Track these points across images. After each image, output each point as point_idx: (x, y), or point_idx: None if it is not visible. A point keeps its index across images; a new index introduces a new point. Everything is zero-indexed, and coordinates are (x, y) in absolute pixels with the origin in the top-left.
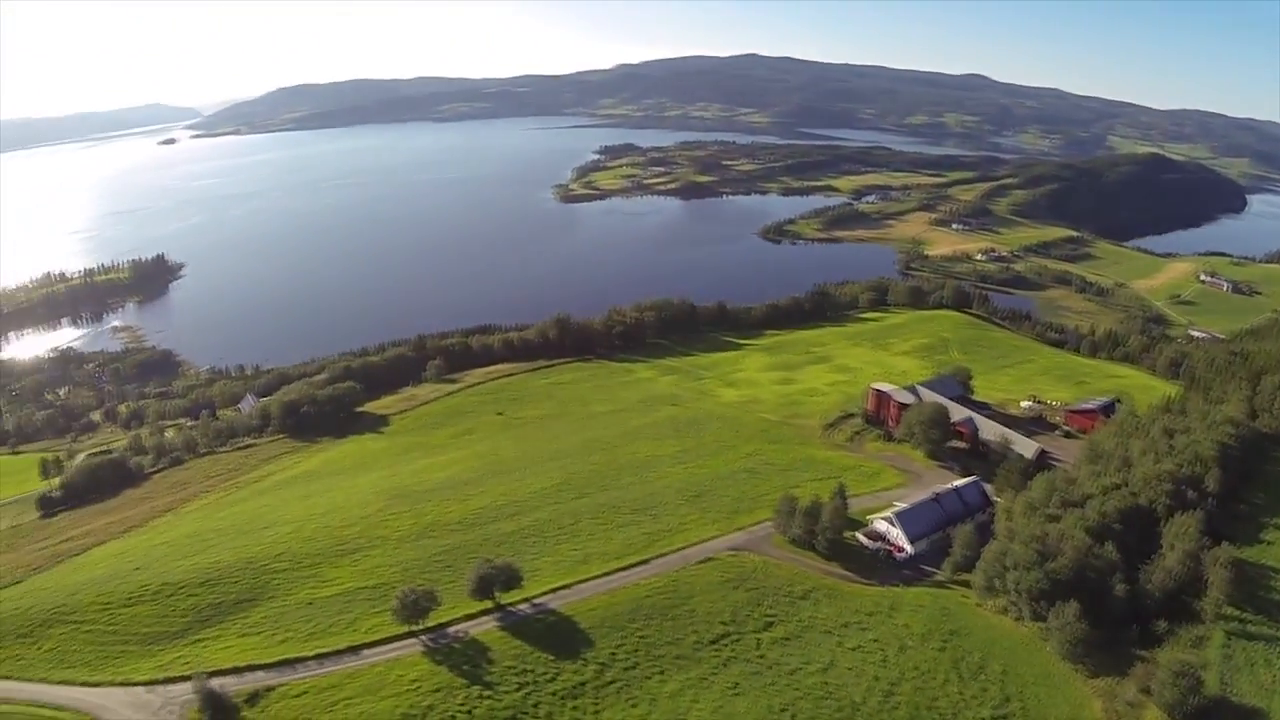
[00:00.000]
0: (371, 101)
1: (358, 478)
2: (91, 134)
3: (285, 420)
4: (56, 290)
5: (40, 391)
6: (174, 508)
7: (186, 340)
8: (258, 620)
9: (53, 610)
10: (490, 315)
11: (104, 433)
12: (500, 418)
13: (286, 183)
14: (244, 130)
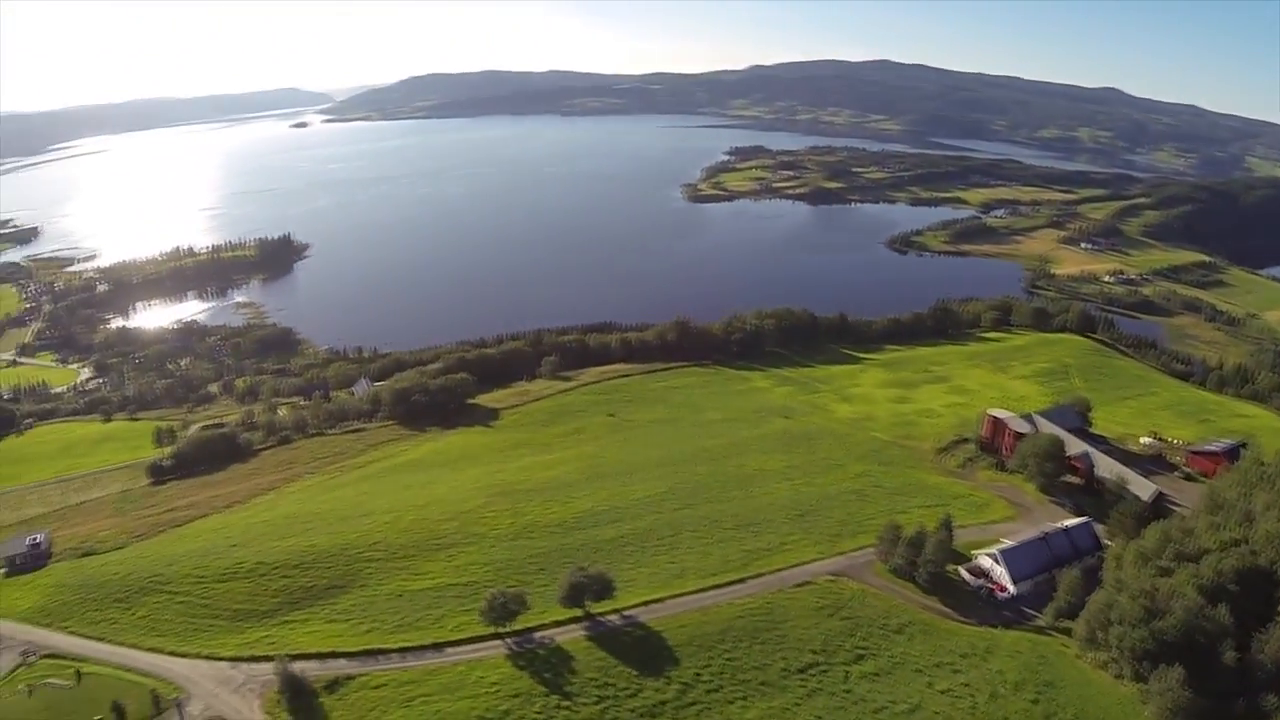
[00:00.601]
0: (503, 93)
1: (462, 471)
2: (226, 115)
3: (396, 407)
4: (185, 264)
5: (162, 361)
6: (277, 487)
7: (307, 320)
8: (346, 607)
9: (150, 578)
10: (610, 313)
11: (220, 405)
12: (611, 419)
13: (415, 169)
14: (375, 116)
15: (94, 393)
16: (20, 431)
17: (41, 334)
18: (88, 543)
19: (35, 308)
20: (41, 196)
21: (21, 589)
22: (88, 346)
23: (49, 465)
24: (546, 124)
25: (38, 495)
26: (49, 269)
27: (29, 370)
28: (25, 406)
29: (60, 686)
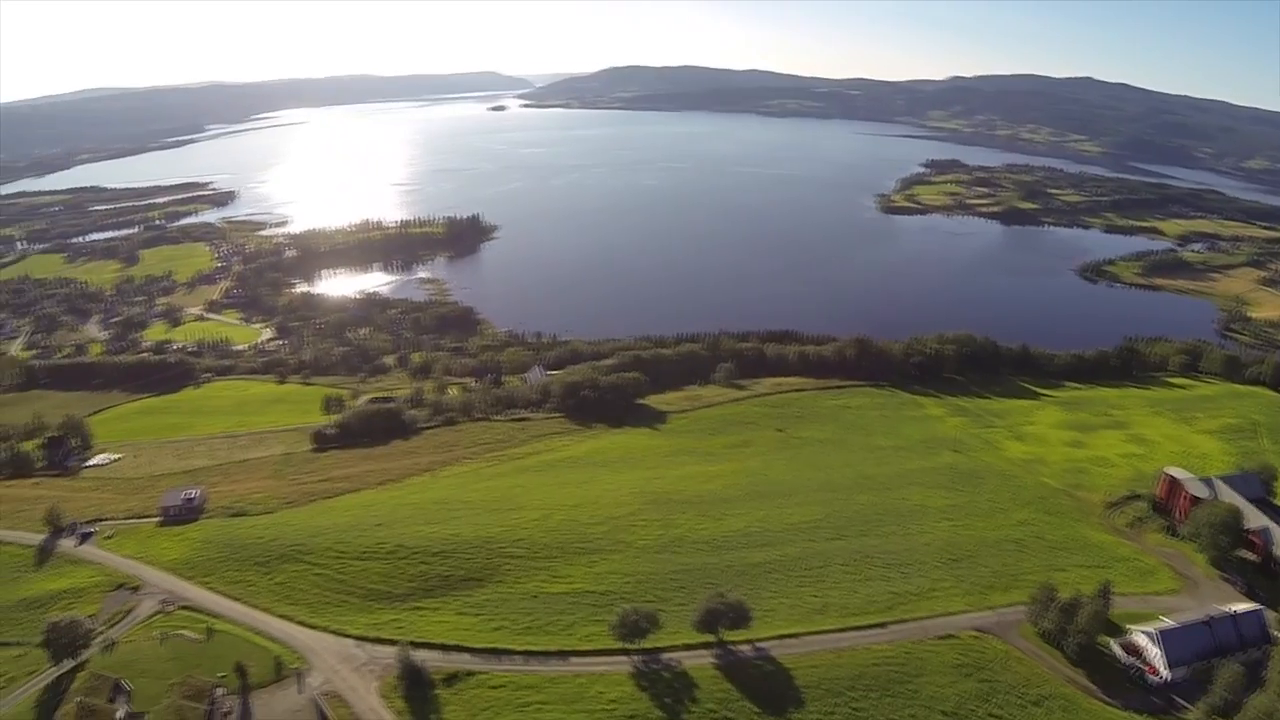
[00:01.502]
0: (701, 89)
1: (620, 473)
2: (425, 95)
3: (565, 400)
4: (373, 237)
5: (342, 329)
6: (434, 469)
7: (489, 301)
8: (479, 602)
9: (292, 546)
10: (791, 320)
11: (392, 378)
12: (779, 434)
13: (609, 159)
14: (573, 104)
15: (272, 354)
16: (198, 384)
17: (229, 293)
18: (240, 503)
19: (226, 267)
20: (241, 163)
21: (172, 540)
22: (271, 308)
23: (220, 420)
24: (743, 123)
25: (205, 448)
26: (242, 231)
27: (213, 326)
28: (206, 361)
29: (191, 639)
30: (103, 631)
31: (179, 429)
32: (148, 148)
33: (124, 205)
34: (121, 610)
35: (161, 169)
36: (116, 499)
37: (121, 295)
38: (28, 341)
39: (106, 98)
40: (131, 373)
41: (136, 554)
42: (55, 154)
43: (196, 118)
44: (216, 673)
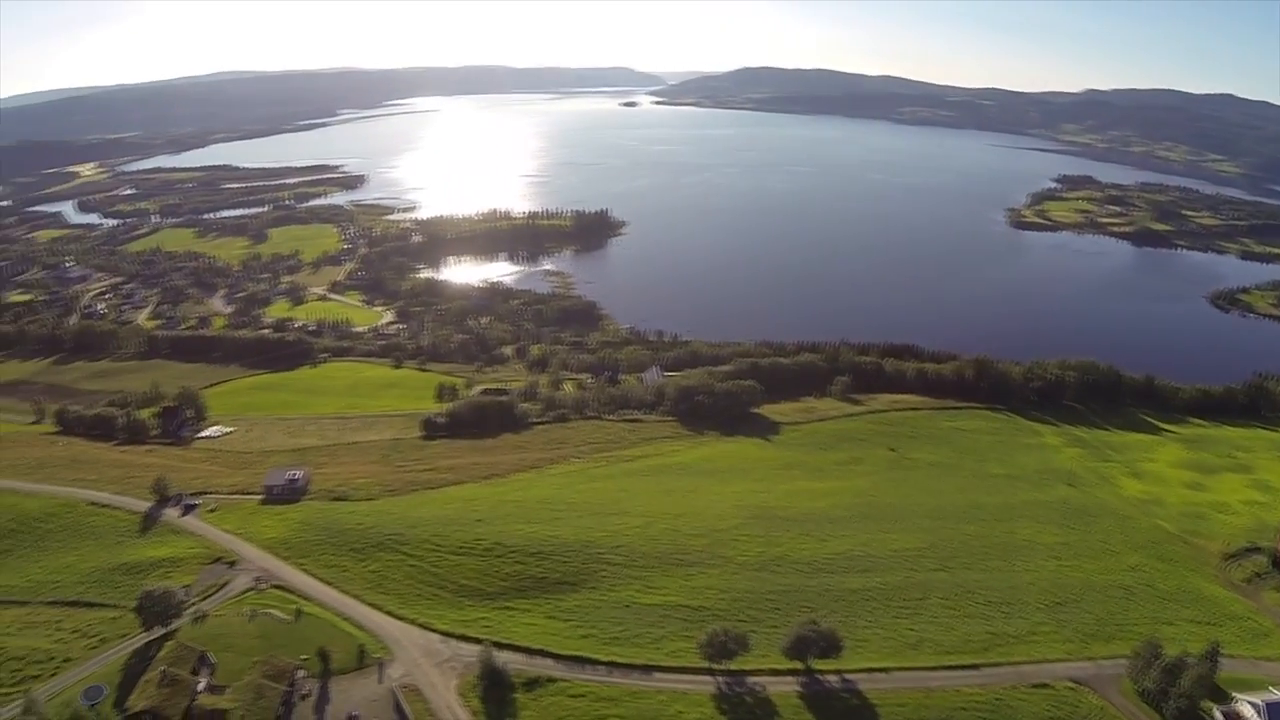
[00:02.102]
0: (833, 93)
1: (728, 484)
2: (558, 88)
3: (679, 404)
4: (500, 226)
5: (463, 317)
6: (541, 466)
7: (612, 297)
8: (570, 607)
9: (390, 535)
10: (911, 334)
11: (509, 369)
12: (891, 454)
13: (739, 160)
14: (705, 103)
15: (392, 337)
16: (315, 364)
17: (353, 274)
18: (343, 487)
19: (352, 249)
20: (372, 148)
21: (272, 519)
22: (394, 292)
23: (333, 401)
24: (874, 130)
25: (316, 427)
26: (370, 215)
27: (335, 307)
28: (324, 341)
29: (279, 619)
30: (195, 603)
31: (292, 407)
32: (280, 130)
33: (255, 184)
34: (216, 584)
35: (293, 151)
36: (223, 472)
37: (248, 272)
38: (154, 311)
39: (242, 80)
40: (250, 348)
41: (236, 529)
42: (191, 133)
43: (329, 102)
44: (300, 655)
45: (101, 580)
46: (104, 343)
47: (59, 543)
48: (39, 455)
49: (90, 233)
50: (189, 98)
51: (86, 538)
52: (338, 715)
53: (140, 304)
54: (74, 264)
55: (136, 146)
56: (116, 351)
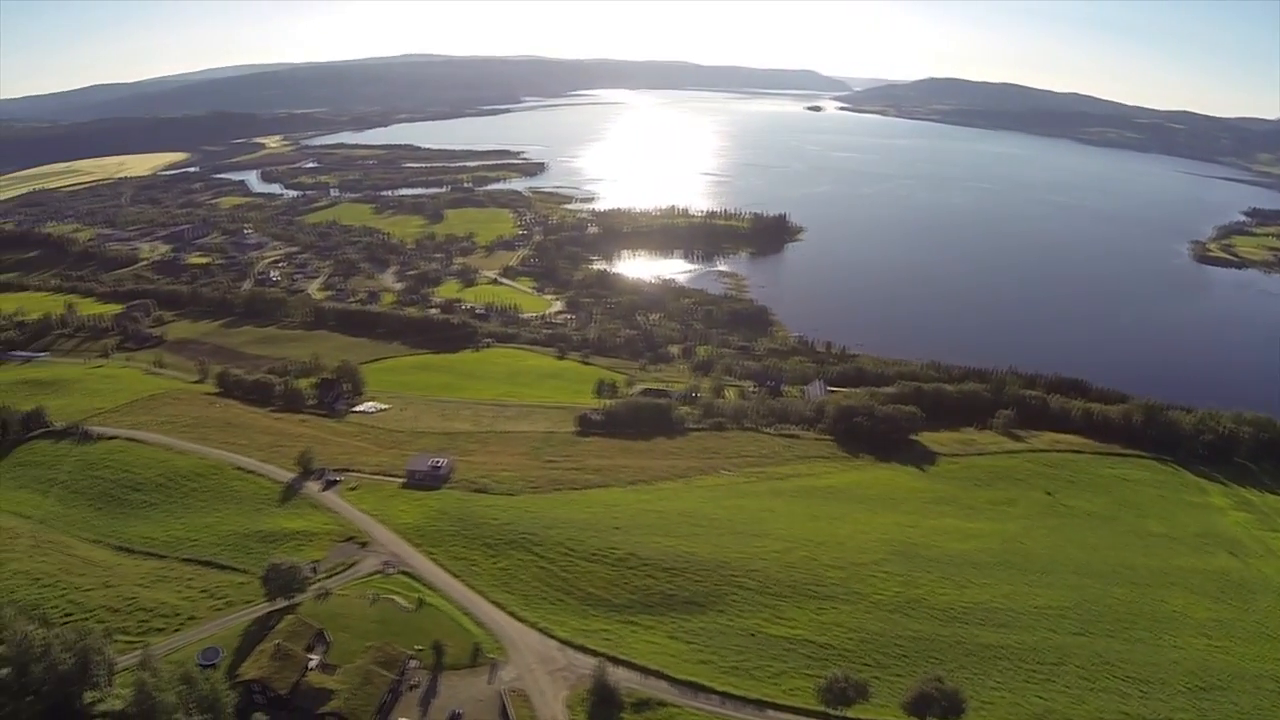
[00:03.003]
0: (1018, 108)
1: (875, 514)
2: (742, 88)
3: (837, 423)
4: (677, 223)
5: (632, 312)
6: (689, 476)
7: (785, 303)
8: (694, 628)
9: (524, 534)
10: (1080, 368)
11: (673, 369)
12: (1047, 499)
13: (920, 173)
14: (890, 112)
15: (558, 327)
16: (478, 348)
17: (526, 261)
18: (486, 479)
19: (526, 236)
20: (554, 136)
21: (410, 504)
22: (565, 282)
23: (492, 387)
24: (1058, 149)
25: (471, 413)
26: (548, 203)
27: (506, 292)
28: (489, 326)
29: (400, 606)
30: (320, 580)
31: (449, 389)
32: (463, 113)
33: (435, 165)
34: (345, 563)
35: (475, 135)
36: (370, 450)
37: (421, 250)
38: (325, 283)
39: (429, 63)
40: (415, 327)
41: (373, 510)
42: (376, 111)
43: (514, 89)
44: (414, 645)
45: (236, 545)
46: (272, 310)
47: (202, 503)
48: (196, 415)
49: (271, 202)
50: (375, 78)
51: (229, 501)
52: (442, 710)
53: (313, 274)
54: (252, 231)
55: (321, 122)
56: (284, 319)
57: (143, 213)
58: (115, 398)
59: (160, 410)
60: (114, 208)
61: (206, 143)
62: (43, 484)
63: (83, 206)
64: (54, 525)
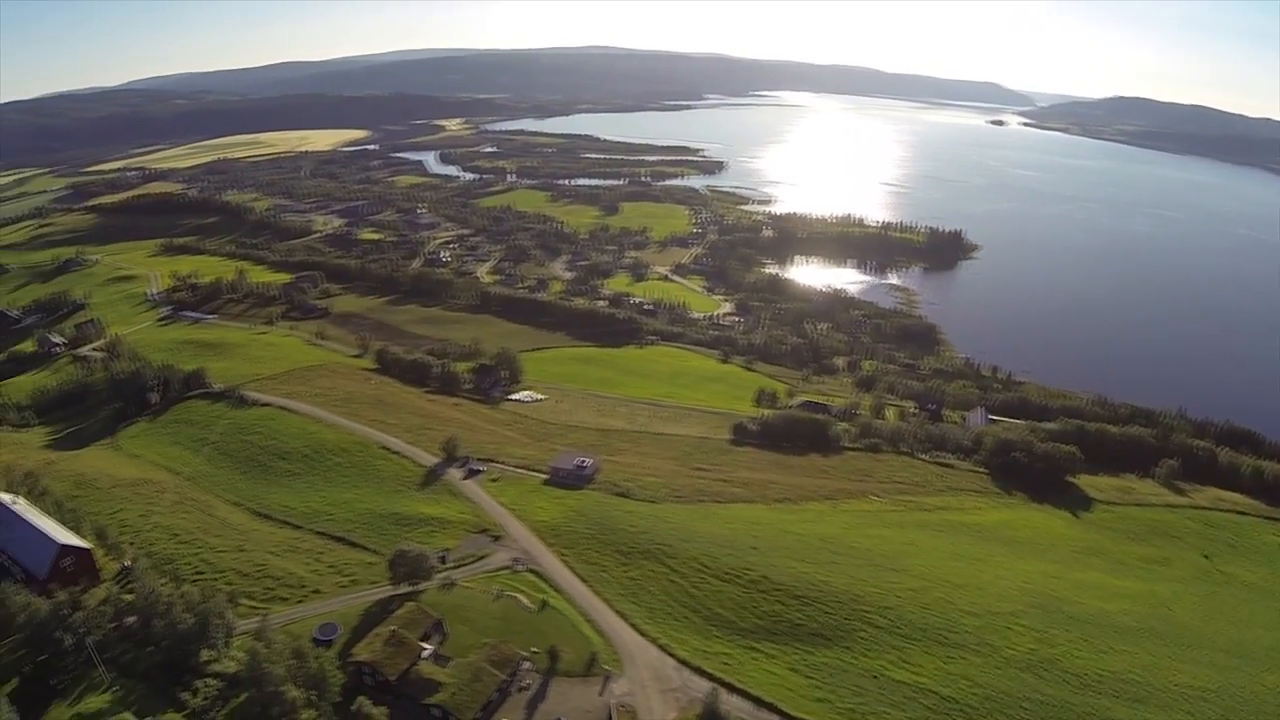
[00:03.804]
0: (1208, 133)
1: (1020, 559)
2: (924, 97)
3: (993, 457)
4: (852, 233)
5: (801, 320)
6: (837, 498)
7: (954, 322)
8: (816, 663)
9: (659, 545)
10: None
11: (836, 382)
12: (1204, 562)
13: (1103, 196)
14: (1073, 130)
15: (725, 330)
16: (641, 345)
17: (698, 259)
18: (630, 483)
19: (701, 234)
20: (734, 135)
21: (549, 502)
22: (736, 284)
23: (651, 386)
24: (1249, 178)
25: (627, 410)
26: (724, 203)
27: (676, 289)
28: (655, 323)
29: (523, 605)
30: (447, 570)
31: (608, 385)
32: (645, 107)
33: (614, 157)
34: (475, 554)
35: (656, 129)
36: (519, 441)
37: (594, 241)
38: (495, 267)
39: (612, 56)
40: (580, 319)
41: (511, 504)
42: (557, 100)
43: (696, 86)
44: (530, 647)
45: (371, 524)
46: (438, 290)
47: (344, 478)
48: (350, 390)
49: (447, 184)
50: (557, 67)
51: (370, 479)
52: (547, 716)
53: (483, 258)
54: (426, 211)
55: (503, 108)
56: (449, 301)
57: (320, 186)
58: (274, 365)
59: (316, 382)
60: (293, 180)
61: (388, 122)
62: (195, 442)
63: (263, 177)
64: (200, 483)
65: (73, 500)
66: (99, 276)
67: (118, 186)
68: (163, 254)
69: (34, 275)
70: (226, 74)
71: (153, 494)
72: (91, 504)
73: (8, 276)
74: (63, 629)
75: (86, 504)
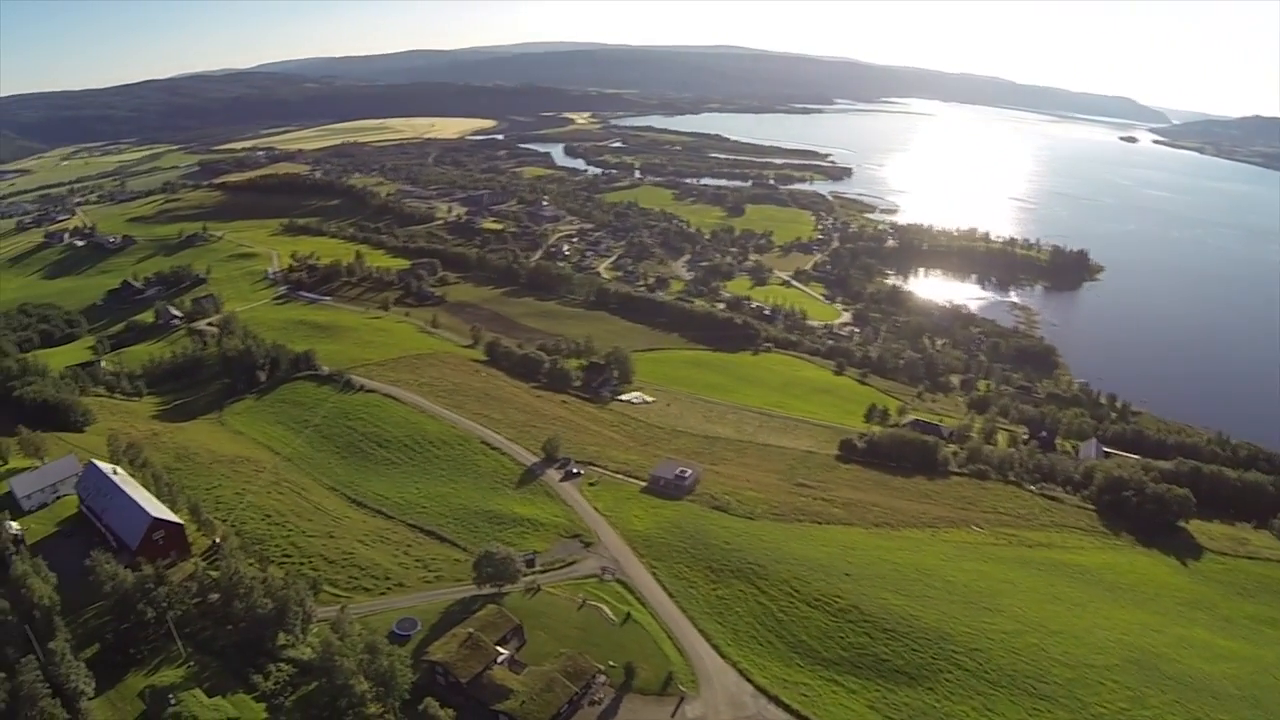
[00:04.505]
0: None
1: (1120, 608)
2: (1054, 110)
3: (1102, 494)
4: (975, 247)
5: (918, 334)
6: (937, 526)
7: (1073, 345)
8: (896, 702)
9: (751, 564)
10: None
11: (949, 401)
12: None
13: (1237, 222)
14: (1207, 150)
15: (842, 340)
16: (755, 351)
17: (820, 266)
18: (730, 496)
19: (824, 241)
20: (861, 142)
21: (645, 510)
22: (856, 293)
23: (761, 395)
24: None
25: (735, 418)
26: (849, 210)
27: (795, 295)
28: (773, 329)
29: (605, 617)
30: (533, 574)
31: (718, 390)
32: (774, 109)
33: (740, 158)
34: (564, 559)
35: (783, 132)
36: (622, 444)
37: (716, 242)
38: (615, 264)
39: (741, 56)
40: (696, 321)
41: (607, 511)
42: (686, 98)
43: (825, 90)
44: (608, 660)
45: (463, 520)
46: (555, 285)
47: (441, 471)
48: (457, 381)
49: (572, 177)
50: (687, 65)
51: (467, 474)
52: None
53: (604, 253)
54: (549, 203)
55: (630, 104)
56: (565, 296)
57: (445, 174)
58: (384, 351)
59: (424, 371)
60: (418, 166)
61: (515, 113)
62: (298, 424)
63: (389, 162)
64: (298, 465)
65: (172, 473)
66: (221, 252)
67: (245, 165)
68: (284, 234)
69: (159, 248)
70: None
71: (250, 473)
72: (189, 478)
73: (135, 248)
74: (146, 601)
75: (185, 477)
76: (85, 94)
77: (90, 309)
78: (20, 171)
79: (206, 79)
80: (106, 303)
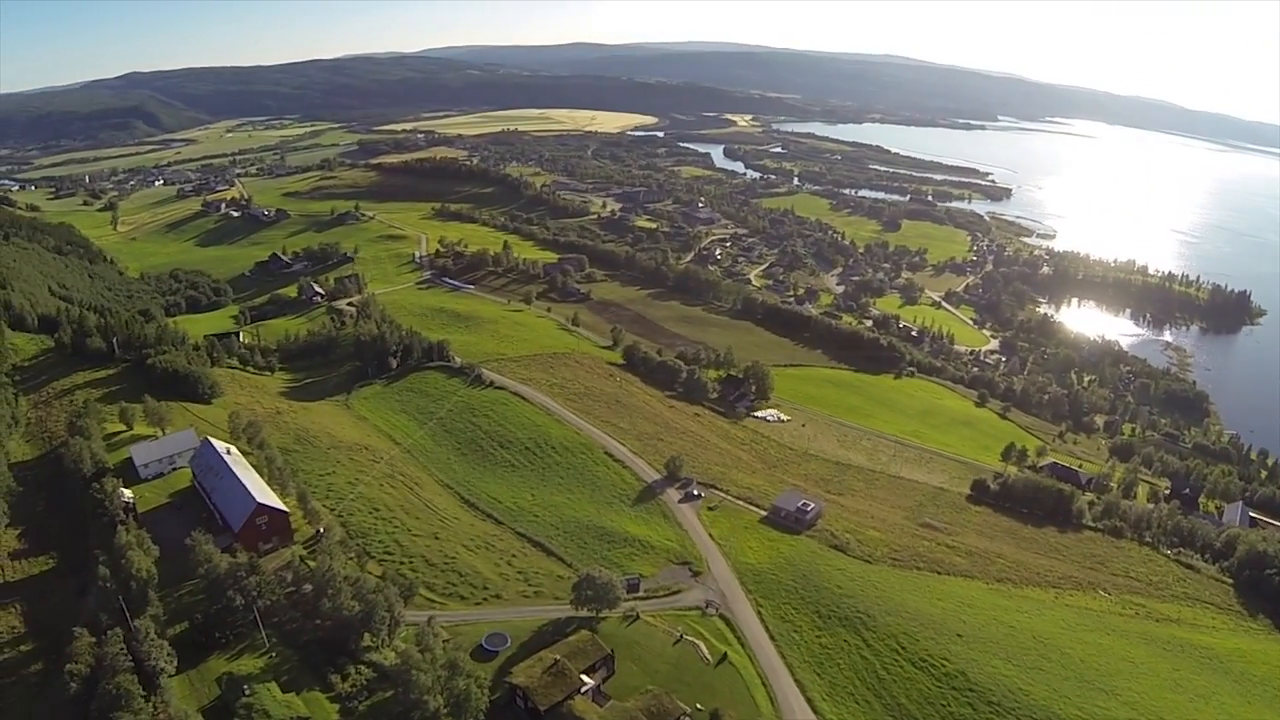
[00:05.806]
0: None
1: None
2: (1224, 138)
3: (1240, 569)
4: (1132, 280)
5: (1065, 368)
6: (1061, 587)
7: (1226, 393)
8: None
9: (860, 613)
10: None
11: (1091, 443)
12: None
13: None
14: None
15: (988, 369)
16: (898, 375)
17: (971, 289)
18: (850, 534)
19: (978, 263)
20: (1023, 162)
21: (760, 543)
22: (1006, 320)
23: (899, 422)
24: None
25: (870, 445)
26: (1005, 232)
27: (944, 317)
28: (917, 353)
29: (700, 655)
30: (633, 600)
31: (856, 414)
32: (936, 123)
33: (900, 172)
34: (670, 588)
35: (944, 147)
36: (749, 465)
37: (869, 257)
38: (765, 271)
39: (906, 66)
40: (841, 339)
41: (721, 538)
42: (849, 106)
43: (989, 106)
44: (695, 703)
45: (574, 534)
46: (703, 290)
47: (559, 480)
48: (589, 384)
49: (730, 179)
50: (851, 73)
51: (585, 486)
52: None
53: (756, 260)
54: (705, 205)
55: (793, 109)
56: (712, 302)
57: (602, 168)
58: (520, 346)
59: (557, 370)
60: (576, 159)
61: (676, 111)
62: (423, 415)
63: (547, 152)
64: (416, 457)
65: (289, 455)
66: (370, 233)
67: (404, 147)
68: (435, 218)
69: (311, 224)
70: (518, 49)
71: (366, 461)
72: (305, 462)
73: (287, 222)
74: (236, 589)
75: (301, 460)
76: (253, 70)
77: (238, 279)
78: (186, 141)
79: (371, 60)
80: (254, 274)
